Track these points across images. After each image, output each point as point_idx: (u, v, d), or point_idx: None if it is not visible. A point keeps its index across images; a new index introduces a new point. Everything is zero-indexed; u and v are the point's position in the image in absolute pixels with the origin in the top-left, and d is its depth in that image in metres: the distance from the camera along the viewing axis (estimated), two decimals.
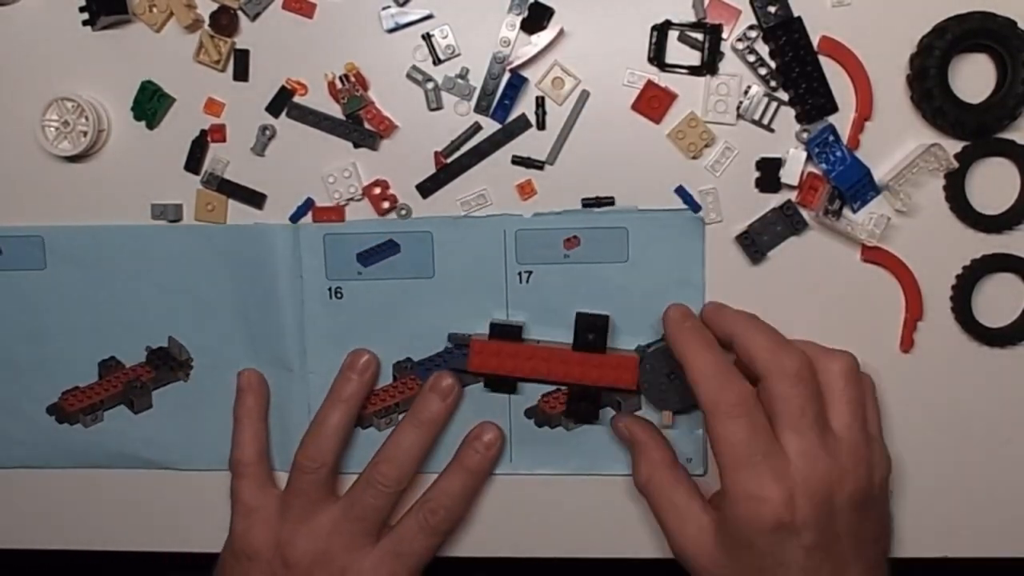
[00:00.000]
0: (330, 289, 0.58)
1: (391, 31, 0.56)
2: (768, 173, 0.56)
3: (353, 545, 0.57)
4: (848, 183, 0.55)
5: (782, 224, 0.56)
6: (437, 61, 0.56)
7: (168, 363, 0.60)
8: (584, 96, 0.56)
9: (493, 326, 0.57)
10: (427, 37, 0.56)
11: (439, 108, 0.57)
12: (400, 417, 0.59)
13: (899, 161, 0.55)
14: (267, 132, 0.57)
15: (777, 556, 0.47)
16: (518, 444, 0.60)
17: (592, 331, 0.56)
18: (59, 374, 0.61)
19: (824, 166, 0.55)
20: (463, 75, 0.56)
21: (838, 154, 0.55)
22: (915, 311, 0.57)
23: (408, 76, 0.56)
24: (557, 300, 0.57)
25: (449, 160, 0.57)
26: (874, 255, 0.56)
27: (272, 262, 0.58)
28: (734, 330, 0.52)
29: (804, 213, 0.56)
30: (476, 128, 0.57)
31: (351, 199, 0.57)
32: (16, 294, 0.60)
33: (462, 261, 0.58)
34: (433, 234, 0.57)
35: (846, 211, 0.56)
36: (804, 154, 0.55)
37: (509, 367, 0.57)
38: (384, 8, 0.56)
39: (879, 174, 0.55)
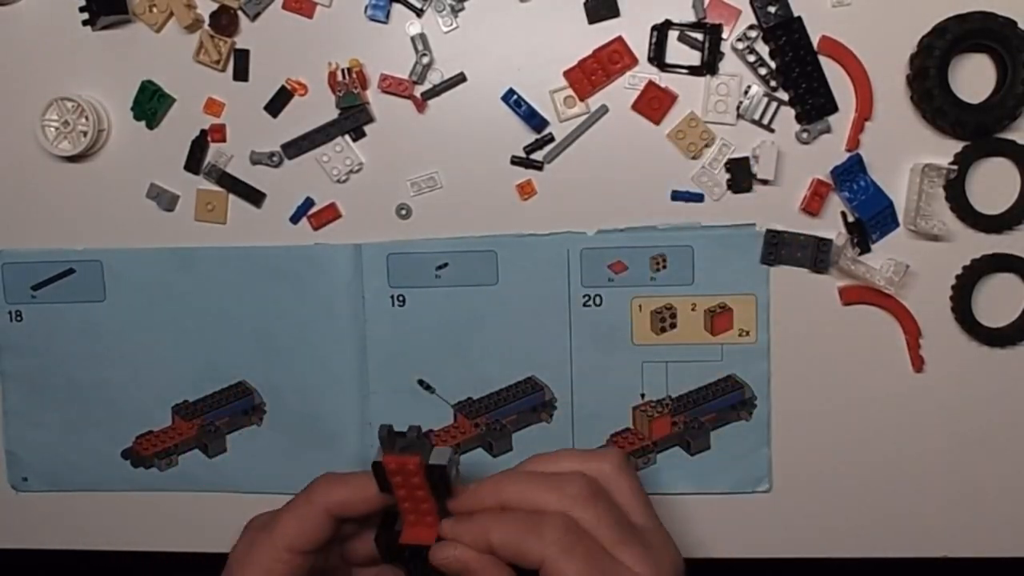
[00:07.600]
0: (392, 296, 0.58)
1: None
2: (738, 173, 0.55)
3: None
4: (870, 213, 0.55)
5: (805, 252, 0.56)
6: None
7: (242, 409, 0.60)
8: (602, 111, 0.56)
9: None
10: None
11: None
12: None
13: (903, 192, 0.55)
14: (274, 158, 0.57)
15: None
16: None
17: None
18: (132, 417, 0.60)
19: (847, 195, 0.55)
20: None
21: (862, 183, 0.55)
22: (912, 330, 0.57)
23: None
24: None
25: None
26: (858, 295, 0.56)
27: (332, 282, 0.58)
28: (502, 498, 0.44)
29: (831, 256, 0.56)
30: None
31: (351, 171, 0.57)
32: (80, 326, 0.60)
33: (525, 279, 0.57)
34: (497, 252, 0.57)
35: (864, 257, 0.56)
36: (775, 147, 0.55)
37: None
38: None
39: (886, 181, 0.55)
